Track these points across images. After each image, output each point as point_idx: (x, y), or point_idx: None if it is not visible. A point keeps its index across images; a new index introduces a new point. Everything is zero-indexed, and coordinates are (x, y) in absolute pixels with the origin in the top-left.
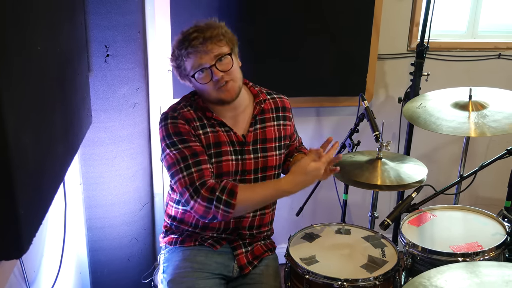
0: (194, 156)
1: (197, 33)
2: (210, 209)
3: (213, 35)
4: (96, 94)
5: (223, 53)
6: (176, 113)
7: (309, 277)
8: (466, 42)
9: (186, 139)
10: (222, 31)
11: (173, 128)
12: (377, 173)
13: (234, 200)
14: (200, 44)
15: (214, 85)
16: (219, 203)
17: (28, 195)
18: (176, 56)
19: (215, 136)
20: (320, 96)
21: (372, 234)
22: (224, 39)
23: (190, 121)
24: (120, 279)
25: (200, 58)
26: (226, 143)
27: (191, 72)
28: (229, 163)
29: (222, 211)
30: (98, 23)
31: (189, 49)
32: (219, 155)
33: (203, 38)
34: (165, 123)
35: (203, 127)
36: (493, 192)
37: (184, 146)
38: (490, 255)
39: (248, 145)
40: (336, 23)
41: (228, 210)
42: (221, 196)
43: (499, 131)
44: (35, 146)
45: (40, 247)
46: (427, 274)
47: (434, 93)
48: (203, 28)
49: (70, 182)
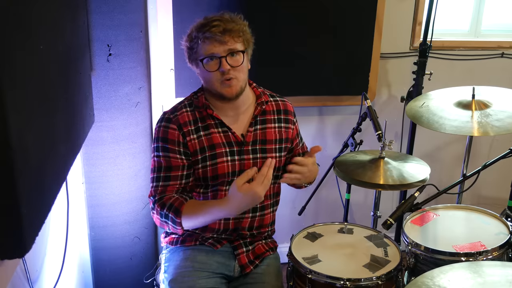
0: (167, 170)
1: (219, 22)
2: (165, 223)
3: (234, 29)
4: (99, 93)
5: (236, 49)
6: (172, 115)
7: (311, 276)
8: (469, 41)
9: (168, 148)
10: (243, 28)
11: (163, 133)
12: (380, 173)
13: (179, 218)
14: (219, 33)
15: (219, 76)
16: (167, 220)
17: (31, 195)
18: (192, 37)
19: (209, 139)
20: (323, 95)
21: (375, 234)
22: (242, 36)
23: (184, 126)
24: (122, 278)
25: (214, 46)
26: (221, 145)
27: (202, 56)
28: (224, 164)
29: (172, 227)
30: (100, 22)
31: (206, 33)
32: (214, 157)
33: (223, 28)
34: (159, 125)
35: (197, 131)
36: (496, 192)
37: (163, 155)
38: (493, 254)
39: (247, 145)
40: (339, 22)
41: (175, 227)
42: (167, 213)
43: (503, 130)
44: (37, 145)
45: (42, 246)
46: (430, 273)
47: (437, 92)
48: (227, 19)
49: (72, 181)
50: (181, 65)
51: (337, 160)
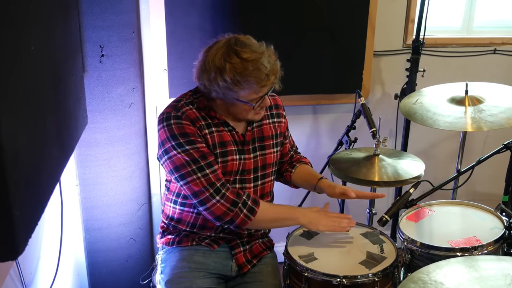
0: (204, 158)
1: (270, 69)
2: (232, 212)
3: (277, 69)
4: (92, 94)
5: (274, 86)
6: (179, 112)
7: (308, 274)
8: (461, 37)
9: (193, 140)
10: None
11: (179, 129)
12: (375, 170)
13: (258, 207)
14: (269, 83)
15: (256, 111)
16: (243, 207)
17: (23, 196)
18: (236, 80)
19: (220, 135)
20: (317, 94)
21: (371, 231)
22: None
23: (195, 121)
24: (119, 280)
25: (262, 92)
26: (231, 143)
27: (244, 98)
28: (234, 162)
29: (243, 215)
30: (92, 23)
31: (256, 86)
32: (225, 154)
33: (274, 77)
34: (167, 123)
35: (208, 127)
36: (491, 188)
37: (192, 148)
38: (488, 249)
39: (247, 144)
40: (332, 20)
41: (250, 216)
42: (247, 201)
43: (496, 125)
44: (29, 146)
45: (37, 249)
46: (426, 269)
47: (430, 88)
48: (270, 59)
49: (66, 183)
50: (174, 65)
51: (332, 158)
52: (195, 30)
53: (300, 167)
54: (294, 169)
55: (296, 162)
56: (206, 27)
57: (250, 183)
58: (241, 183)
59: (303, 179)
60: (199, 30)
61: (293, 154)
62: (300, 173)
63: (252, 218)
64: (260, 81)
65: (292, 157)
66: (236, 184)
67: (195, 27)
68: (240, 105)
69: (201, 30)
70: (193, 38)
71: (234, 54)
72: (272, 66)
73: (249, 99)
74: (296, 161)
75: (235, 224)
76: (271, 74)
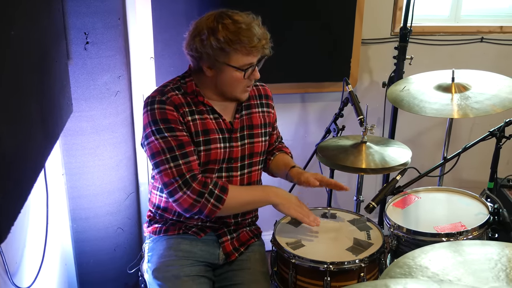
0: (180, 147)
1: (261, 31)
2: (198, 203)
3: (268, 36)
4: (77, 82)
5: (266, 55)
6: (164, 97)
7: (295, 261)
8: (449, 26)
9: (173, 128)
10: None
11: (160, 114)
12: (362, 157)
13: (225, 195)
14: (261, 47)
15: (245, 84)
16: (210, 197)
17: (4, 183)
18: (227, 40)
19: (203, 123)
20: (305, 82)
21: (358, 218)
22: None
23: (179, 107)
24: (106, 270)
25: (254, 57)
26: (215, 131)
27: (236, 63)
28: (218, 151)
29: (211, 205)
30: (76, 10)
31: (248, 46)
32: (208, 142)
33: (265, 41)
34: (151, 108)
35: (191, 114)
36: (477, 175)
37: (170, 135)
38: (473, 234)
39: (235, 132)
40: (319, 8)
41: (218, 205)
42: (213, 190)
43: (482, 112)
44: (11, 133)
45: (22, 238)
46: (411, 254)
47: (417, 76)
48: (258, 24)
49: (52, 173)
50: (161, 53)
51: (320, 146)
52: (181, 17)
53: (278, 156)
54: (274, 157)
55: (276, 151)
56: (193, 14)
57: (237, 171)
58: (227, 171)
59: (277, 167)
60: (185, 17)
61: (277, 145)
62: (276, 161)
63: (221, 206)
64: (251, 41)
65: (275, 147)
66: (223, 172)
67: (181, 14)
68: (230, 74)
69: (187, 17)
70: (180, 25)
71: (227, 16)
72: (263, 32)
73: (240, 64)
74: (277, 150)
75: (204, 214)
76: (262, 38)
